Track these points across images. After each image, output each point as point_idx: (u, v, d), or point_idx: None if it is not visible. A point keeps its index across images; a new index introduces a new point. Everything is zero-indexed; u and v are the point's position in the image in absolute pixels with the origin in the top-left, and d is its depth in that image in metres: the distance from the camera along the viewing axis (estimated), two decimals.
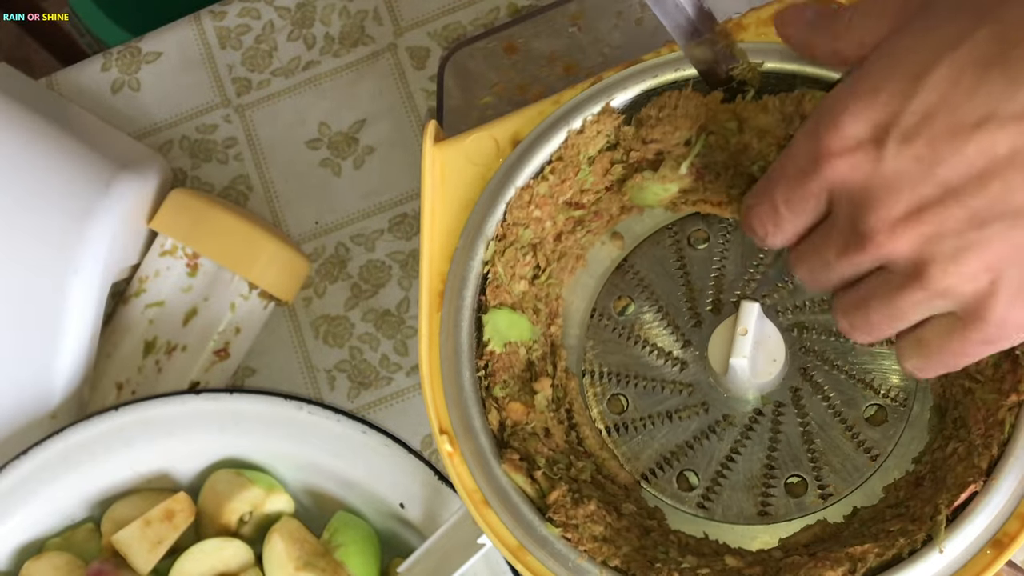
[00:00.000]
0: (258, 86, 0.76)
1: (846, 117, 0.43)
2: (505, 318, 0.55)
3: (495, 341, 0.54)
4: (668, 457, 0.58)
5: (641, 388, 0.59)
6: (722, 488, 0.57)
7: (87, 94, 0.77)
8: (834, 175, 0.43)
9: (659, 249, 0.61)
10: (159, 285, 0.70)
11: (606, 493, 0.56)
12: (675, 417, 0.59)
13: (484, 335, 0.54)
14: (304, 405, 0.62)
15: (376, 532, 0.65)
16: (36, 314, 0.64)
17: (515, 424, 0.54)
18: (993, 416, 0.50)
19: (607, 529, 0.52)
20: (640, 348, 0.60)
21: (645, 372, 0.59)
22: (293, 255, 0.70)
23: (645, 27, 0.68)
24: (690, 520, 0.57)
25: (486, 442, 0.53)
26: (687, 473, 0.58)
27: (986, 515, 0.48)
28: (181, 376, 0.69)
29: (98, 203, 0.65)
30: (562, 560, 0.51)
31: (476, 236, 0.55)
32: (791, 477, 0.57)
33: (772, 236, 0.47)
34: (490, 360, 0.54)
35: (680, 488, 0.58)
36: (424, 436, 0.71)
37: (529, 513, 0.52)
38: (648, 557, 0.52)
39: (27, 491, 0.63)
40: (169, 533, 0.63)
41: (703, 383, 0.59)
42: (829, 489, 0.56)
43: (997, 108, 0.40)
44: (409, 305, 0.73)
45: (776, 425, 0.57)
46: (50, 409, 0.66)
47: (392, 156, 0.75)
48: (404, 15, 0.76)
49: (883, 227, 0.42)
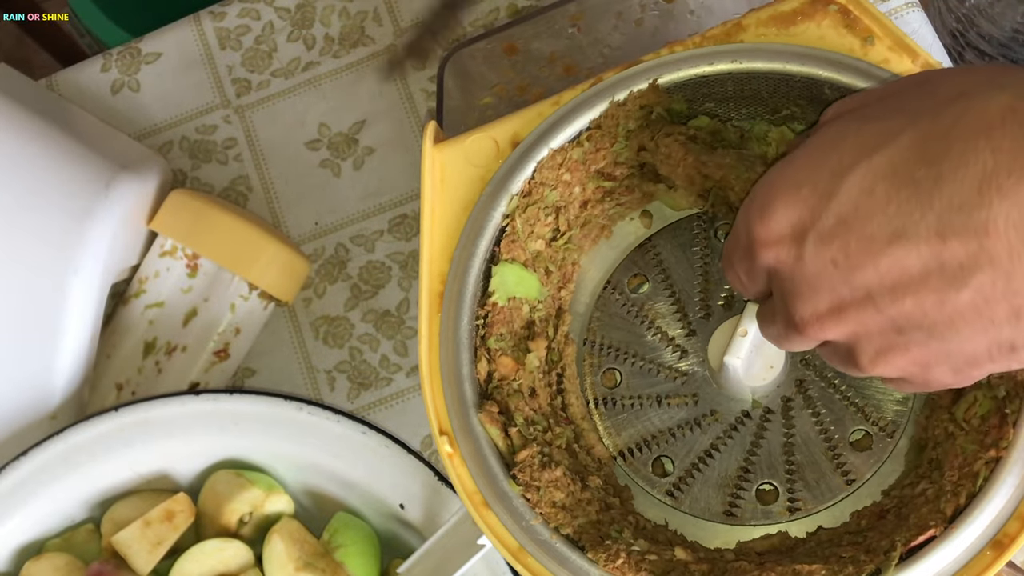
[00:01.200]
0: (258, 87, 0.76)
1: (771, 210, 0.43)
2: (514, 273, 0.55)
3: (499, 293, 0.55)
4: (648, 440, 0.58)
5: (637, 367, 0.59)
6: (694, 481, 0.57)
7: (87, 95, 0.77)
8: (765, 262, 0.44)
9: (685, 235, 0.61)
10: (159, 286, 0.69)
11: (577, 462, 0.56)
12: (664, 402, 0.59)
13: (490, 285, 0.55)
14: (304, 406, 0.62)
15: (376, 533, 0.65)
16: (36, 314, 0.64)
17: (502, 378, 0.55)
18: (969, 466, 0.50)
19: (568, 498, 0.53)
20: (645, 328, 0.60)
21: (644, 353, 0.60)
22: (293, 256, 0.70)
23: (645, 28, 0.68)
24: (656, 505, 0.58)
25: (485, 442, 0.53)
26: (663, 459, 0.58)
27: (986, 515, 0.48)
28: (181, 377, 0.69)
29: (98, 203, 0.65)
30: (562, 560, 0.51)
31: (499, 191, 0.55)
32: (764, 484, 0.57)
33: (744, 293, 0.48)
34: (491, 311, 0.55)
35: (654, 472, 0.58)
36: (424, 436, 0.71)
37: (529, 514, 0.52)
38: (601, 533, 0.52)
39: (27, 492, 0.63)
40: (169, 534, 0.63)
41: (698, 375, 0.59)
42: (798, 503, 0.56)
43: (907, 227, 0.40)
44: (409, 306, 0.73)
45: (761, 430, 0.58)
46: (50, 410, 0.65)
47: (392, 157, 0.75)
48: (404, 15, 0.76)
49: (811, 319, 0.43)
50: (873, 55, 0.54)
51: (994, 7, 1.11)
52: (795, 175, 0.43)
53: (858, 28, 0.54)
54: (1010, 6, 1.10)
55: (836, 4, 0.54)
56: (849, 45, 0.54)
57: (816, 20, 0.54)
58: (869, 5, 0.54)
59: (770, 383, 0.56)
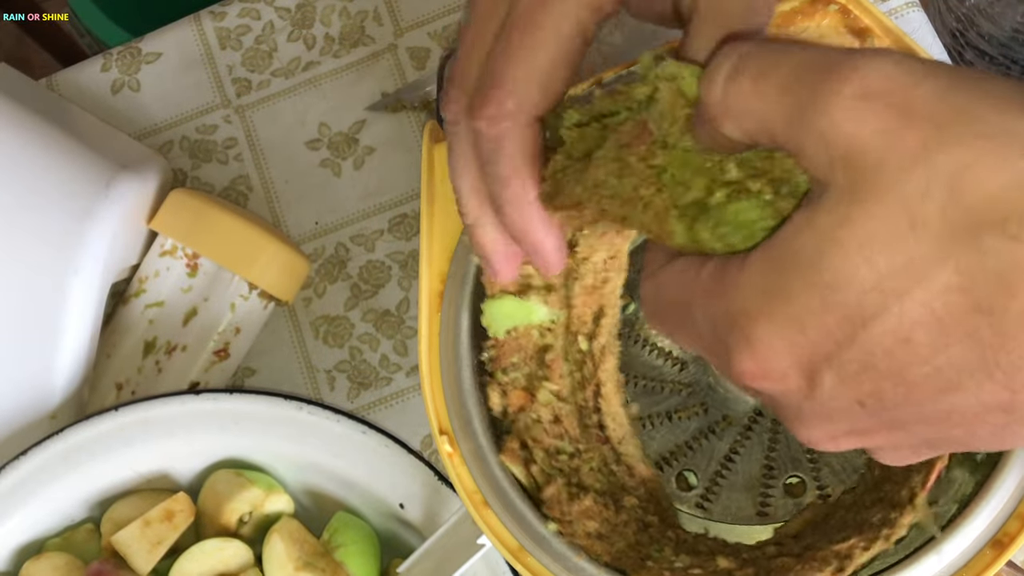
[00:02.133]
0: (258, 87, 0.76)
1: (763, 345, 0.34)
2: (505, 306, 0.54)
3: (494, 328, 0.54)
4: (667, 457, 0.58)
5: (641, 387, 0.59)
6: (721, 488, 0.57)
7: (87, 94, 0.77)
8: (751, 387, 0.36)
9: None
10: (159, 285, 0.69)
11: (612, 482, 0.55)
12: (675, 417, 0.59)
13: (483, 322, 0.53)
14: (304, 405, 0.62)
15: (376, 532, 0.65)
16: (36, 314, 0.64)
17: (519, 409, 0.53)
18: None
19: (603, 525, 0.52)
20: (640, 348, 0.60)
21: (645, 372, 0.59)
22: (293, 255, 0.70)
23: (645, 27, 0.68)
24: (689, 520, 0.57)
25: (485, 442, 0.53)
26: (686, 473, 0.58)
27: (986, 515, 0.48)
28: (181, 376, 0.69)
29: (98, 203, 0.65)
30: (562, 560, 0.51)
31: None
32: (790, 478, 0.57)
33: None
34: (495, 345, 0.54)
35: (679, 488, 0.58)
36: (424, 436, 0.71)
37: (529, 513, 0.52)
38: (641, 554, 0.52)
39: (27, 491, 0.63)
40: (169, 533, 0.63)
41: (702, 383, 0.59)
42: (828, 490, 0.56)
43: (962, 381, 0.33)
44: (409, 305, 0.73)
45: (776, 425, 0.57)
46: (50, 409, 0.65)
47: (392, 156, 0.75)
48: (404, 15, 0.76)
49: (823, 440, 0.37)
50: None
51: (994, 7, 1.11)
52: (788, 304, 0.33)
53: (858, 28, 0.54)
54: (1010, 6, 1.10)
55: (836, 4, 0.54)
56: (849, 45, 0.54)
57: (816, 20, 0.54)
58: (869, 5, 0.54)
59: None
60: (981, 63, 1.16)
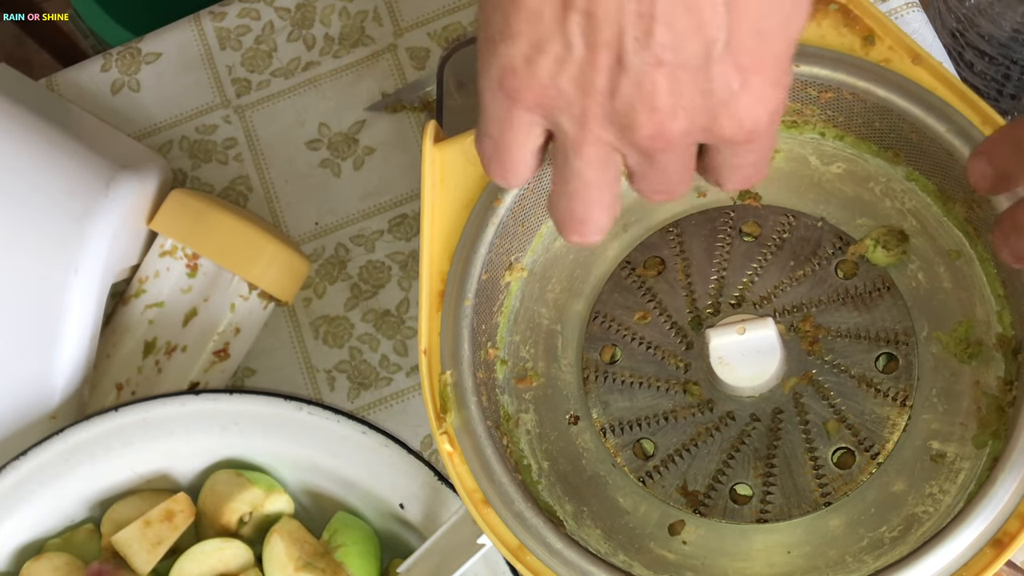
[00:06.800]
0: (258, 87, 0.76)
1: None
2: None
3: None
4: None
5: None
6: (668, 471, 0.56)
7: (87, 95, 0.77)
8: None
9: (710, 224, 0.59)
10: (159, 285, 0.70)
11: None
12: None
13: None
14: (304, 406, 0.62)
15: (376, 532, 0.65)
16: (36, 314, 0.64)
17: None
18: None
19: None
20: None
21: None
22: (293, 255, 0.70)
23: None
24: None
25: (486, 442, 0.53)
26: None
27: (986, 515, 0.48)
28: (181, 376, 0.69)
29: (98, 203, 0.65)
30: (562, 560, 0.51)
31: (499, 190, 0.54)
32: (738, 484, 0.56)
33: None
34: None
35: (637, 457, 0.57)
36: (424, 436, 0.71)
37: (529, 513, 0.52)
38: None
39: (27, 491, 0.63)
40: (169, 534, 0.63)
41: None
42: (768, 509, 0.55)
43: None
44: (409, 305, 0.73)
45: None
46: (50, 409, 0.65)
47: (392, 156, 0.75)
48: (404, 15, 0.76)
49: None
50: (874, 55, 0.54)
51: (994, 7, 1.11)
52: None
53: (858, 27, 0.54)
54: (1010, 6, 1.10)
55: (836, 4, 0.54)
56: (849, 44, 0.54)
57: (816, 19, 0.54)
58: (869, 5, 0.54)
59: (767, 382, 0.55)
60: (981, 63, 1.16)
